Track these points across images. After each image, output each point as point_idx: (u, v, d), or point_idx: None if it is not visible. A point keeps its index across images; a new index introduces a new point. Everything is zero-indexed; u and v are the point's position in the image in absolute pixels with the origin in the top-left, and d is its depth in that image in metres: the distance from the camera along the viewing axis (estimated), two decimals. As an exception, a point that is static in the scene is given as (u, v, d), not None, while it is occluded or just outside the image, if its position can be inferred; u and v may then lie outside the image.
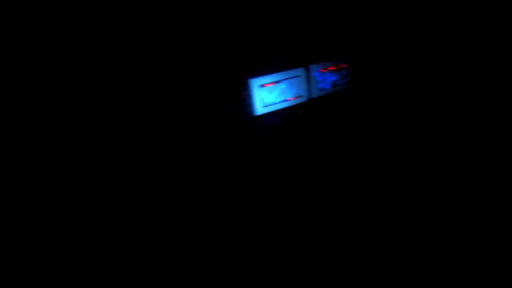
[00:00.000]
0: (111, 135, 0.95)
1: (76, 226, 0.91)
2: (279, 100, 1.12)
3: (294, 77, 1.11)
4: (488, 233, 1.17)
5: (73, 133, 0.88)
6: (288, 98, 1.12)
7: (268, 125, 1.14)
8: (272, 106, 1.10)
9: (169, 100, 1.02)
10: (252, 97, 1.06)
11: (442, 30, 1.31)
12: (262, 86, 1.05)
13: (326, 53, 1.18)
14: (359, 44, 1.26)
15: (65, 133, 0.87)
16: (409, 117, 1.52)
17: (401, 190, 1.40)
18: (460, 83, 1.31)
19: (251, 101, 1.06)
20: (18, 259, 0.79)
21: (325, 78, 1.18)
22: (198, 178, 1.11)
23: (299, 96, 1.15)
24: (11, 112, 0.79)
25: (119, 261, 0.99)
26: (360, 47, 1.27)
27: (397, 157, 1.55)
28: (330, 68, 1.18)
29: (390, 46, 1.34)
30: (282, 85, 1.09)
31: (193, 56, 0.96)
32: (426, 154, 1.50)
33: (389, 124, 1.50)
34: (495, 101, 1.28)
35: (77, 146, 0.89)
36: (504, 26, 1.17)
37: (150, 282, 1.02)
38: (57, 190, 0.88)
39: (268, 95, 1.08)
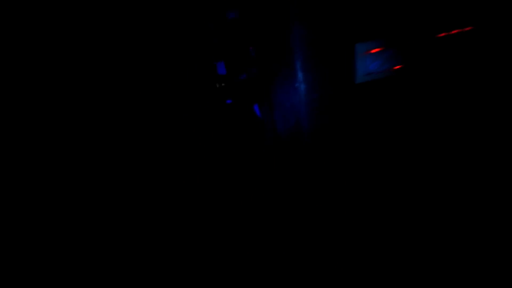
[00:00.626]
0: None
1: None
2: (383, 68, 1.05)
3: (401, 43, 1.00)
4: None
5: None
6: (393, 67, 1.04)
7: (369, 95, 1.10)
8: (375, 74, 1.04)
9: None
10: (355, 63, 1.02)
11: None
12: (367, 52, 1.01)
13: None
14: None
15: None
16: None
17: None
18: None
19: (354, 68, 1.03)
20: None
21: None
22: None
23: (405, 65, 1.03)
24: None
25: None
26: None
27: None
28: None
29: None
30: (388, 52, 1.03)
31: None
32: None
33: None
34: None
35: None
36: None
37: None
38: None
39: (371, 62, 1.03)
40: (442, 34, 1.08)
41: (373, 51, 1.05)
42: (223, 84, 1.25)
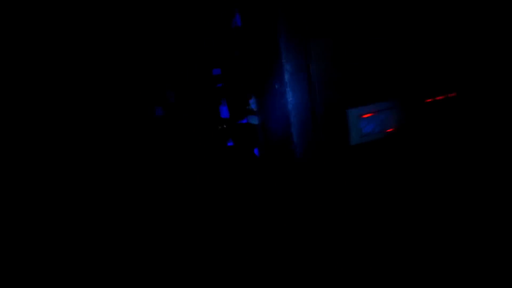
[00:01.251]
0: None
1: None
2: (376, 130, 1.09)
3: (392, 108, 1.09)
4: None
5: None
6: (386, 129, 1.10)
7: (364, 155, 1.13)
8: (369, 136, 1.08)
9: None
10: (349, 127, 1.06)
11: None
12: (361, 116, 1.05)
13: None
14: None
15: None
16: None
17: None
18: None
19: (348, 130, 1.07)
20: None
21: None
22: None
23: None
24: None
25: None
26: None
27: None
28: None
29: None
30: (381, 116, 1.09)
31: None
32: None
33: None
34: None
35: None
36: None
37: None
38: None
39: (366, 125, 1.07)
40: (429, 100, 1.14)
41: (366, 115, 1.07)
42: (225, 126, 1.28)
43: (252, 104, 1.34)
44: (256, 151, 1.36)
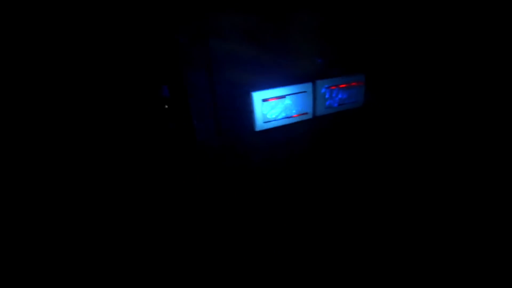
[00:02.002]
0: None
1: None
2: (282, 116, 1.06)
3: (300, 92, 1.08)
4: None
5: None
6: (292, 115, 1.09)
7: (269, 142, 1.12)
8: (274, 122, 1.06)
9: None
10: (253, 111, 1.02)
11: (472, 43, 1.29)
12: (265, 100, 1.02)
13: (336, 69, 1.16)
14: (374, 60, 1.25)
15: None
16: (424, 139, 1.55)
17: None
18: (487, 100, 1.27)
19: (253, 116, 1.03)
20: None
21: (333, 95, 1.15)
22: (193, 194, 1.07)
23: (304, 113, 1.13)
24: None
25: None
26: (375, 63, 1.25)
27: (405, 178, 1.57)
28: (340, 86, 1.16)
29: (408, 63, 1.34)
30: (287, 101, 1.06)
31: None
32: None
33: (400, 145, 1.53)
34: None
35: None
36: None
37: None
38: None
39: (270, 110, 1.03)
40: (333, 87, 1.14)
41: (271, 99, 1.02)
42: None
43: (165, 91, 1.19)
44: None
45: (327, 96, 1.14)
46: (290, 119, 1.09)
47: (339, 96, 1.18)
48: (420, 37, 1.34)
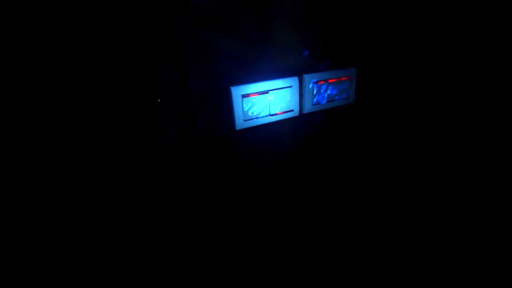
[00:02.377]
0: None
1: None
2: (265, 113, 0.96)
3: (285, 87, 0.98)
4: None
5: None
6: (276, 112, 0.98)
7: (251, 142, 1.02)
8: (256, 120, 0.95)
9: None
10: (233, 108, 0.92)
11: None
12: (246, 96, 0.91)
13: (325, 62, 1.05)
14: (367, 53, 1.15)
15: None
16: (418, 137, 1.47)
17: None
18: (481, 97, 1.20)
19: (232, 113, 0.92)
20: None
21: (322, 90, 1.05)
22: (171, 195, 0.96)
23: (289, 110, 1.00)
24: None
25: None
26: (368, 56, 1.15)
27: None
28: (330, 80, 1.06)
29: (404, 56, 1.24)
30: (270, 96, 0.96)
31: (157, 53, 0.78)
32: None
33: (393, 144, 1.45)
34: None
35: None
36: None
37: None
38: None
39: (252, 107, 0.92)
40: (322, 82, 1.05)
41: (253, 95, 0.92)
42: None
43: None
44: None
45: (315, 91, 1.05)
46: (274, 116, 0.99)
47: (328, 91, 1.08)
48: (417, 26, 1.25)
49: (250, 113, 0.94)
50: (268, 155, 1.07)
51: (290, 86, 0.98)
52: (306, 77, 1.01)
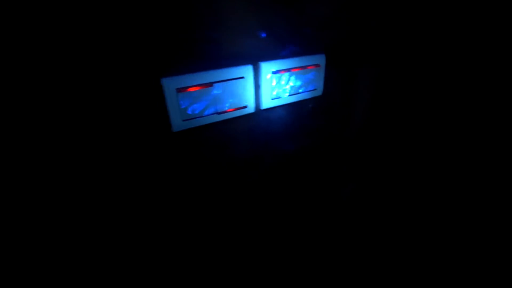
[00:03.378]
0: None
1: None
2: (210, 111, 0.77)
3: (235, 78, 0.77)
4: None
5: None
6: (224, 110, 0.78)
7: (195, 146, 0.82)
8: (199, 119, 0.76)
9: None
10: (166, 106, 0.71)
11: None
12: (182, 90, 0.71)
13: (288, 47, 0.86)
14: (338, 36, 0.95)
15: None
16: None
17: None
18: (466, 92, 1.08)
19: (166, 112, 0.72)
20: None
21: (283, 82, 0.85)
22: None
23: (242, 107, 0.82)
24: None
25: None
26: (339, 40, 0.96)
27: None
28: (293, 69, 0.86)
29: (385, 40, 1.06)
30: (216, 90, 0.75)
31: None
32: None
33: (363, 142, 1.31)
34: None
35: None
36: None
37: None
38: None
39: (191, 103, 0.73)
40: (283, 71, 0.86)
41: (191, 89, 0.72)
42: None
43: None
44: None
45: (274, 83, 0.87)
46: (223, 114, 0.81)
47: (291, 83, 0.90)
48: (403, 5, 1.08)
49: (190, 112, 0.74)
50: (219, 160, 0.89)
51: (242, 77, 0.79)
52: (263, 65, 0.82)
